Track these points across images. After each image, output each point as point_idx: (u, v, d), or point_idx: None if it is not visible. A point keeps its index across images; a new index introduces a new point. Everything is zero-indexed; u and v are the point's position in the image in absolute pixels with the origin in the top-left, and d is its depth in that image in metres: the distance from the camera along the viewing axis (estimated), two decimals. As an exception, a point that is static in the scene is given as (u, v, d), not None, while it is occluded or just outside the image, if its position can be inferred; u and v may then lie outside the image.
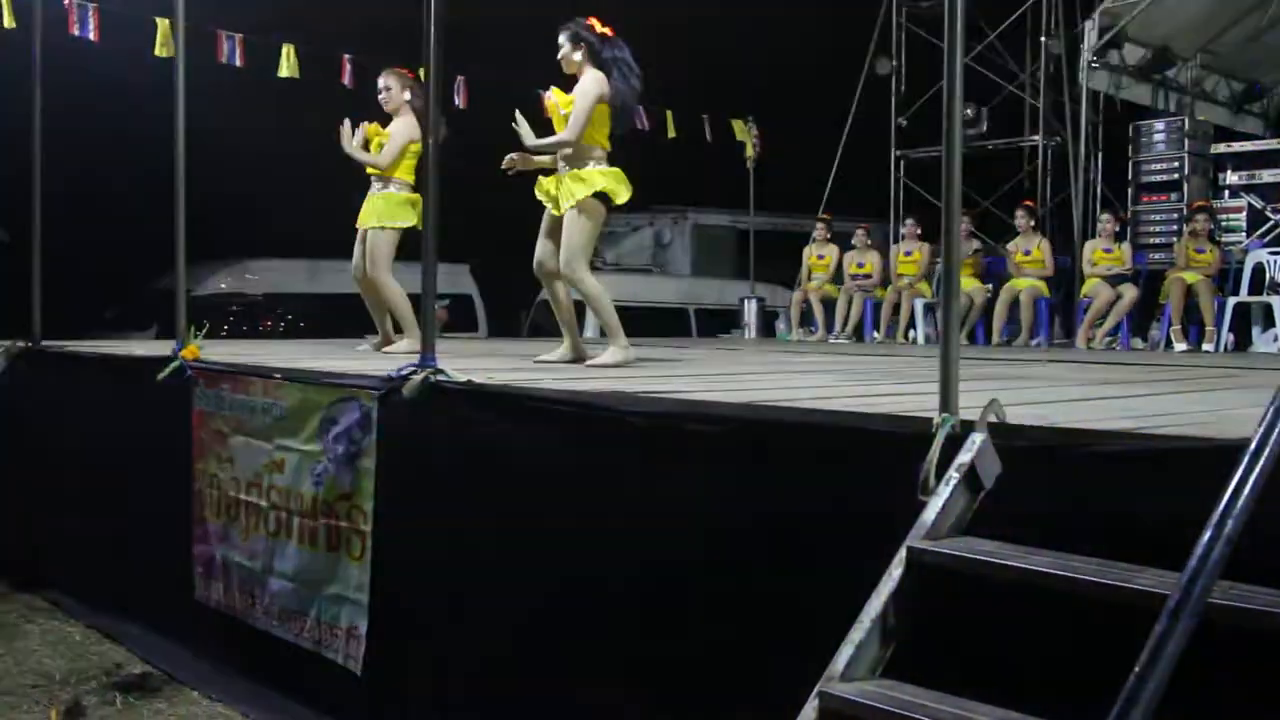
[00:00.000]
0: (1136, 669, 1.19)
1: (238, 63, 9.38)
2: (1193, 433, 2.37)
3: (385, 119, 6.29)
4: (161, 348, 5.40)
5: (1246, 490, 1.28)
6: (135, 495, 5.24)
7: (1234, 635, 1.60)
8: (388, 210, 6.09)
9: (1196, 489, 1.59)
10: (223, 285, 11.88)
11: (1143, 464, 2.21)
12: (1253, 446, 1.33)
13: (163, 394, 4.97)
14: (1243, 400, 3.49)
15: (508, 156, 5.34)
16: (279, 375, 4.45)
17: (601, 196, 5.07)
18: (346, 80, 9.72)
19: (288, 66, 9.55)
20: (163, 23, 8.60)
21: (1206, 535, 1.25)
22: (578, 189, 5.03)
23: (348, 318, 10.57)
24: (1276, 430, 1.32)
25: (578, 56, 5.12)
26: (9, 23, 8.24)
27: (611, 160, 5.21)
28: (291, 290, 12.18)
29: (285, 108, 10.91)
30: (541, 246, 5.25)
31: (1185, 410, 3.19)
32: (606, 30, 5.19)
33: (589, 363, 5.07)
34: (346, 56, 9.78)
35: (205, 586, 4.69)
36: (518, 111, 5.21)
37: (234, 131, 10.99)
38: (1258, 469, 1.30)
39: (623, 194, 5.12)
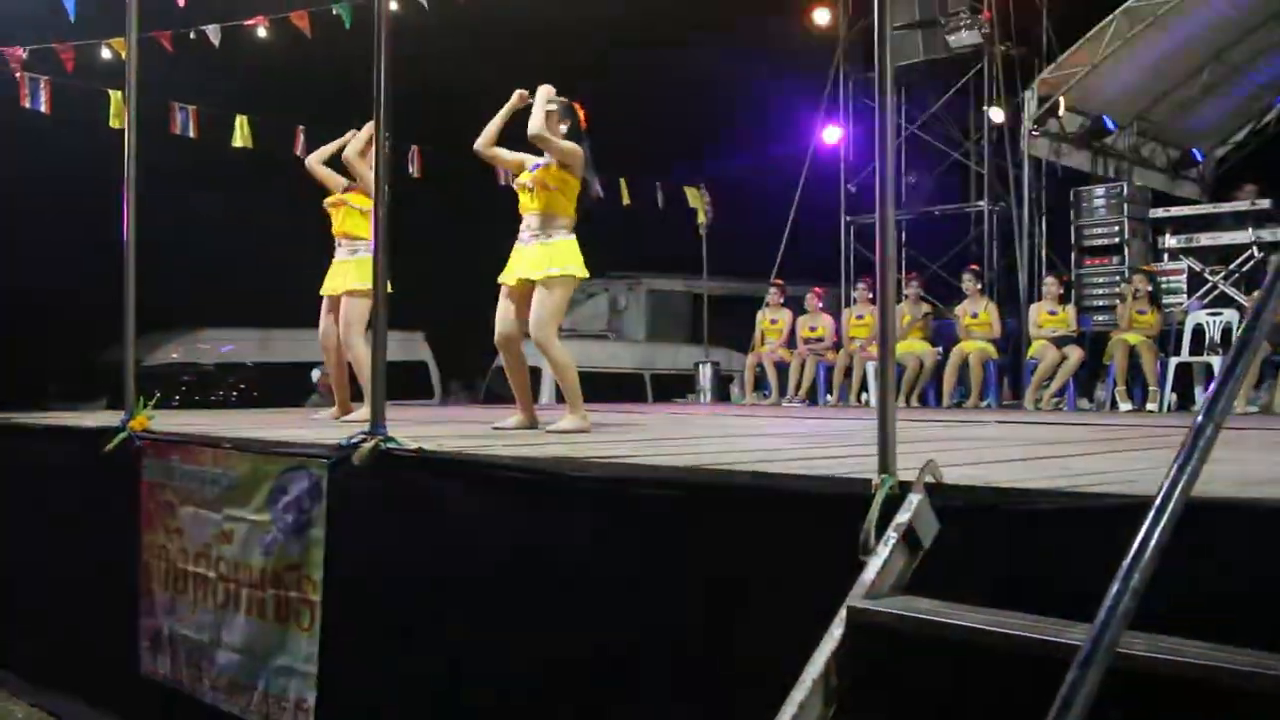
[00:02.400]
0: (1049, 719, 1.23)
1: (191, 134, 9.43)
2: (1120, 490, 2.44)
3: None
4: (110, 419, 5.36)
5: (1151, 545, 1.34)
6: (81, 568, 5.16)
7: (1143, 682, 1.65)
8: (361, 274, 6.08)
9: (1116, 544, 1.65)
10: (174, 355, 11.81)
11: (1072, 521, 2.27)
12: (1157, 502, 1.39)
13: (111, 465, 4.93)
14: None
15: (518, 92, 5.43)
16: (229, 445, 4.43)
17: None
18: (299, 150, 9.78)
19: (241, 137, 9.62)
20: (115, 94, 8.65)
21: (1114, 588, 1.30)
22: (558, 259, 5.13)
23: (300, 387, 10.56)
24: (1179, 487, 1.38)
25: (563, 128, 5.25)
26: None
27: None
28: (244, 360, 12.13)
29: (238, 178, 10.95)
30: (504, 315, 5.30)
31: (1120, 469, 3.26)
32: (584, 122, 5.36)
33: (547, 429, 5.11)
34: (300, 127, 9.86)
35: (152, 660, 4.62)
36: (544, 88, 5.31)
37: (187, 202, 11.02)
38: (1161, 524, 1.36)
39: (584, 271, 5.29)
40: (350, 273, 6.14)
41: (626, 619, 3.01)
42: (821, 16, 12.54)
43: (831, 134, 12.71)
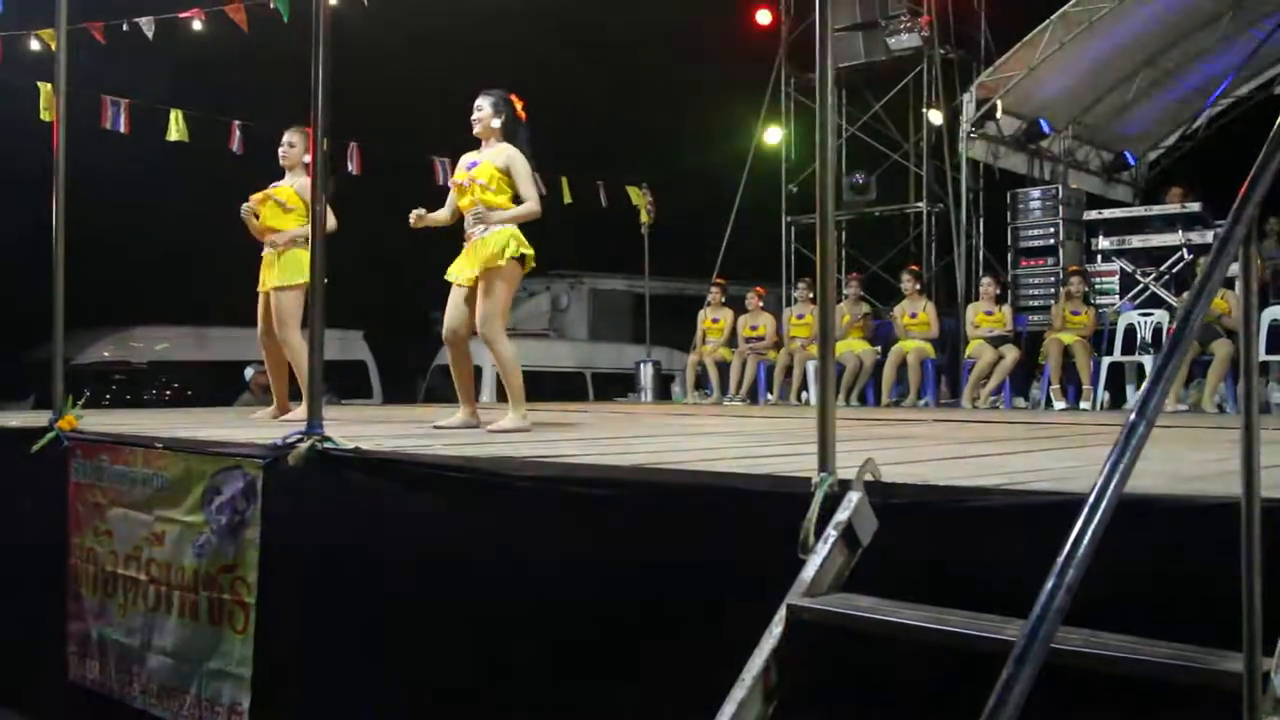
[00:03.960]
0: (985, 714, 1.24)
1: (122, 128, 9.23)
2: (1054, 487, 2.47)
3: (268, 181, 6.26)
4: (38, 418, 5.23)
5: (1085, 542, 1.35)
6: (6, 571, 5.03)
7: (1078, 677, 1.67)
8: (292, 268, 5.99)
9: (1051, 540, 1.67)
10: (105, 353, 11.56)
11: (1008, 518, 2.30)
12: (1090, 499, 1.40)
13: (37, 466, 4.81)
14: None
15: (413, 212, 5.37)
16: (160, 445, 4.34)
17: (519, 258, 5.17)
18: (235, 146, 9.63)
19: (176, 131, 9.44)
20: (45, 87, 8.45)
21: (1048, 585, 1.31)
22: (499, 250, 5.09)
23: (236, 386, 10.40)
24: (1113, 484, 1.39)
25: (496, 124, 5.24)
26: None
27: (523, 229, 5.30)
28: (178, 358, 11.91)
29: (172, 173, 10.76)
30: (453, 312, 5.25)
31: (1054, 466, 3.31)
32: (523, 115, 5.32)
33: (489, 428, 5.07)
34: (235, 122, 9.70)
35: (80, 666, 4.51)
36: (414, 213, 5.27)
37: (119, 197, 10.80)
38: (1095, 521, 1.37)
39: (529, 250, 5.23)
40: (276, 267, 6.04)
41: (568, 619, 2.99)
42: (763, 17, 12.60)
43: (772, 134, 12.78)
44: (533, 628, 3.07)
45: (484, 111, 5.27)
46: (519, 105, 5.33)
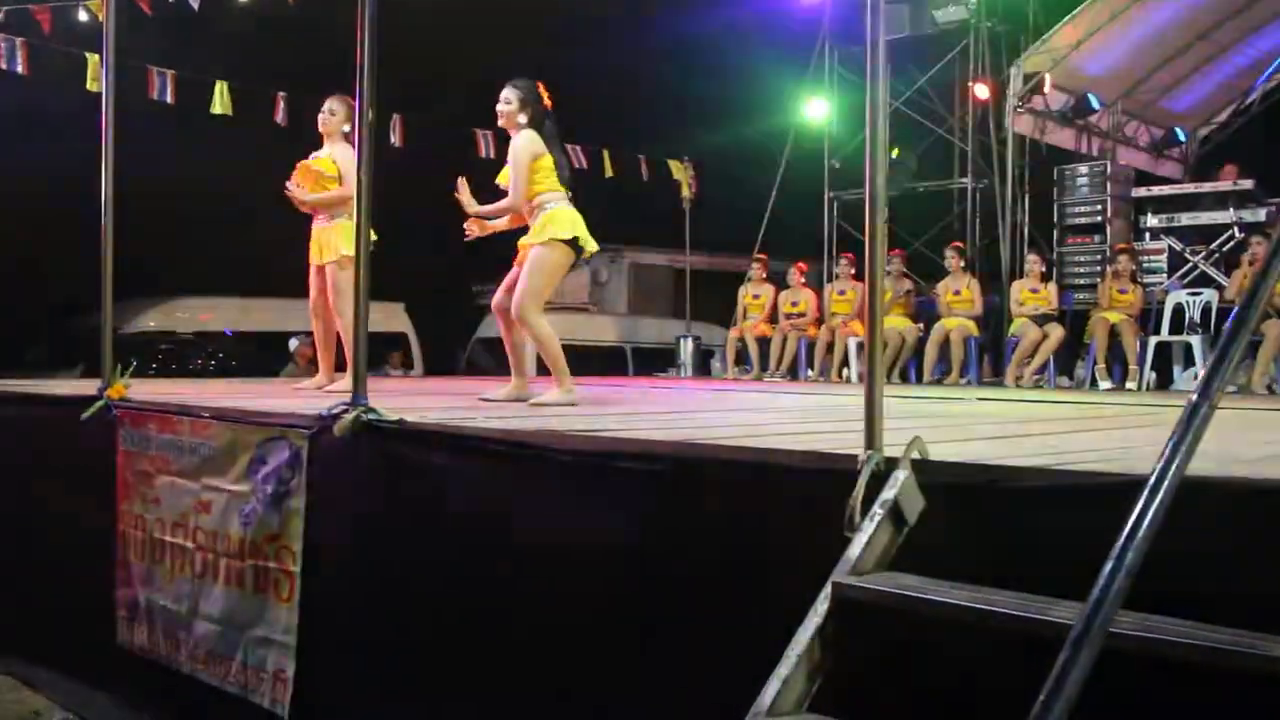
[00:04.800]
0: (1041, 698, 1.22)
1: (169, 99, 9.31)
2: (1104, 468, 2.43)
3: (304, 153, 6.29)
4: (86, 387, 5.30)
5: (1145, 524, 1.33)
6: (56, 538, 5.12)
7: (1137, 663, 1.65)
8: (344, 241, 6.00)
9: (1106, 523, 1.64)
10: (152, 324, 11.70)
11: (1057, 499, 2.27)
12: (1151, 481, 1.38)
13: (87, 434, 4.88)
14: (1157, 437, 3.58)
15: (466, 225, 5.42)
16: (207, 414, 4.39)
17: (571, 243, 5.16)
18: (280, 118, 9.67)
19: (221, 103, 9.50)
20: (92, 58, 8.52)
21: (1108, 567, 1.29)
22: (547, 228, 5.12)
23: (280, 356, 10.49)
24: (1174, 466, 1.37)
25: (522, 118, 5.20)
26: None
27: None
28: (222, 328, 12.03)
29: (218, 144, 10.84)
30: (506, 283, 5.28)
31: (1102, 447, 3.27)
32: (548, 103, 5.29)
33: (531, 401, 5.09)
34: (280, 94, 9.74)
35: (128, 630, 4.59)
36: (461, 180, 5.26)
37: (166, 168, 10.90)
38: (1155, 503, 1.35)
39: (591, 243, 5.22)
40: (330, 240, 6.07)
41: (609, 592, 3.00)
42: (808, -10, 12.46)
43: (816, 108, 12.65)
44: (575, 601, 3.08)
45: (510, 105, 5.23)
46: (545, 94, 5.29)
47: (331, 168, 6.10)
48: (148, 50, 9.21)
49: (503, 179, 5.26)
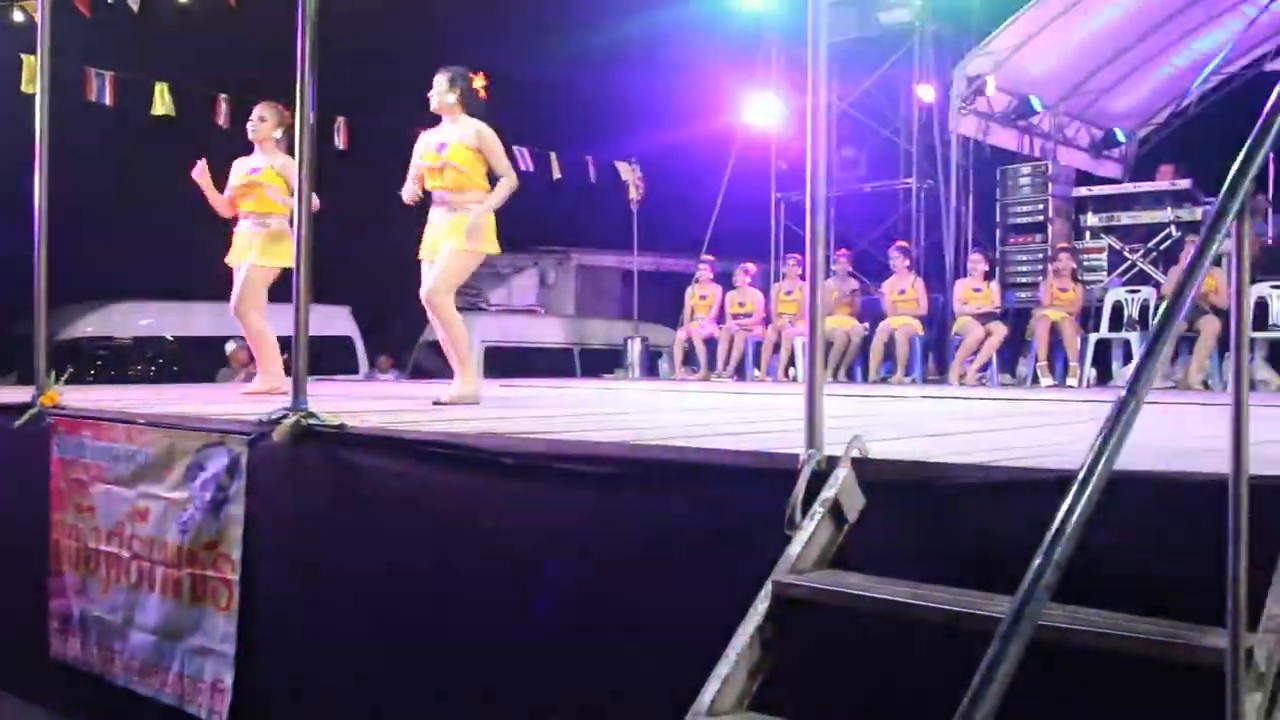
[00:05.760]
0: (970, 691, 1.22)
1: (108, 101, 9.14)
2: (1042, 464, 2.46)
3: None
4: (20, 394, 5.18)
5: (1074, 518, 1.34)
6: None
7: (1065, 654, 1.67)
8: (269, 247, 5.96)
9: (1042, 517, 1.65)
10: (90, 329, 11.49)
11: (994, 494, 2.29)
12: (1080, 476, 1.39)
13: (19, 442, 4.77)
14: (1096, 432, 3.63)
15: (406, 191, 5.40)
16: (143, 421, 4.31)
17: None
18: (221, 120, 9.54)
19: (162, 105, 9.34)
20: (28, 59, 8.35)
21: (1036, 562, 1.30)
22: (482, 236, 5.19)
23: (222, 361, 10.35)
24: (1103, 461, 1.38)
25: (451, 99, 5.23)
26: None
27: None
28: (163, 333, 11.84)
29: (159, 147, 10.66)
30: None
31: (1042, 443, 3.31)
32: (482, 93, 5.29)
33: (436, 400, 5.10)
34: (222, 96, 9.61)
35: (62, 643, 4.49)
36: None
37: (105, 171, 10.71)
38: (1084, 498, 1.36)
39: (496, 247, 5.32)
40: (256, 244, 5.99)
41: (553, 594, 2.98)
42: (753, -9, 12.51)
43: (762, 110, 12.70)
44: (518, 604, 3.06)
45: (439, 87, 5.29)
46: (479, 82, 5.29)
47: (276, 179, 6.01)
48: (86, 51, 9.04)
49: (455, 156, 5.20)
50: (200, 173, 6.11)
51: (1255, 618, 1.76)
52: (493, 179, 5.30)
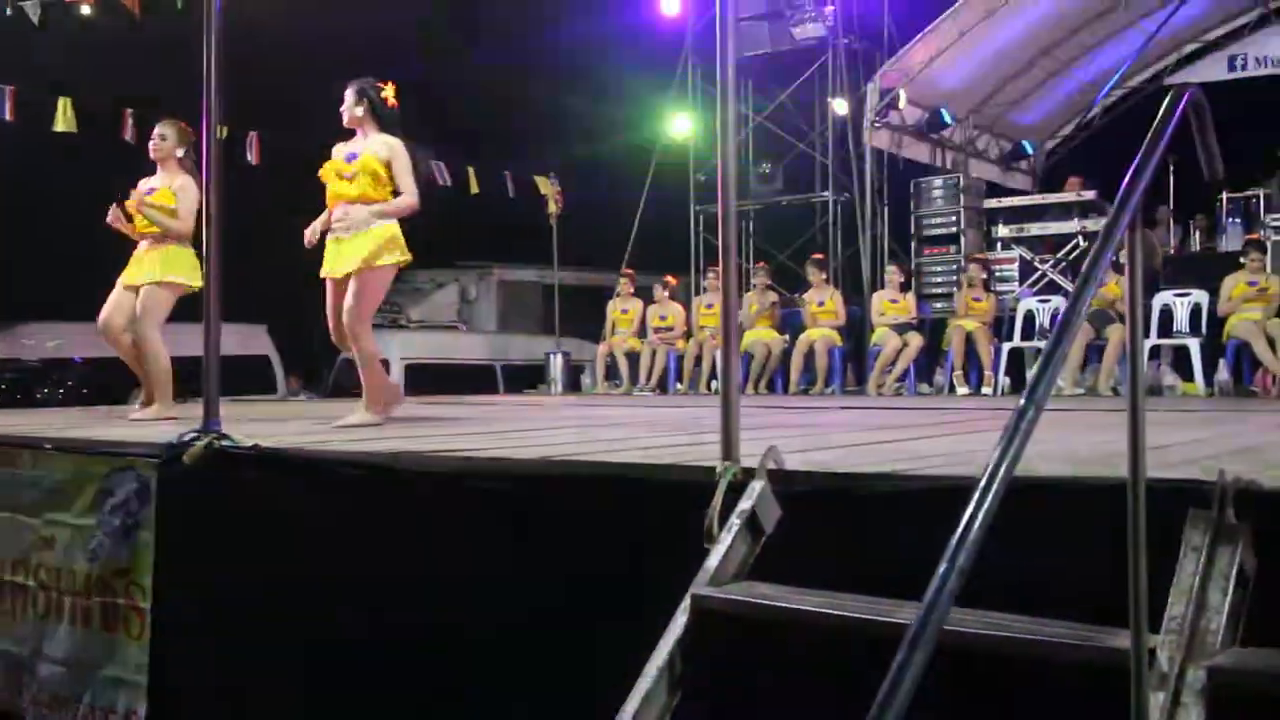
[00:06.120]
0: (879, 698, 1.24)
1: (7, 116, 8.90)
2: (953, 471, 2.50)
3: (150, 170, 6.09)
4: (-82, 420, 5.01)
5: (976, 525, 1.37)
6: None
7: (975, 659, 1.70)
8: (168, 265, 5.81)
9: (952, 524, 1.68)
10: (-7, 351, 11.15)
11: (906, 502, 2.32)
12: (981, 483, 1.42)
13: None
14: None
15: (309, 234, 5.25)
16: (49, 445, 4.19)
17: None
18: (128, 135, 9.33)
19: (64, 120, 9.12)
20: (-77, 74, 8.11)
21: (941, 567, 1.32)
22: (392, 251, 5.09)
23: (127, 383, 10.08)
24: (1003, 467, 1.41)
25: (359, 111, 5.19)
26: None
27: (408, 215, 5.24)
28: (72, 355, 11.52)
29: (62, 163, 10.41)
30: (334, 308, 5.19)
31: (957, 450, 3.36)
32: (394, 101, 5.23)
33: (336, 423, 4.97)
34: (128, 110, 9.40)
35: (-34, 677, 4.34)
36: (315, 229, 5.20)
37: (6, 188, 10.41)
38: (986, 504, 1.39)
39: (407, 255, 5.20)
40: (157, 262, 5.85)
41: (471, 612, 2.95)
42: (670, 6, 12.59)
43: (680, 123, 12.80)
44: (436, 624, 3.03)
45: (347, 101, 5.22)
46: (387, 91, 5.24)
47: (171, 199, 5.88)
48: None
49: (365, 167, 5.12)
50: (114, 217, 5.97)
51: (1157, 619, 1.82)
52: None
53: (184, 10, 8.33)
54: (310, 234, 5.24)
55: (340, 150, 5.30)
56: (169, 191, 5.89)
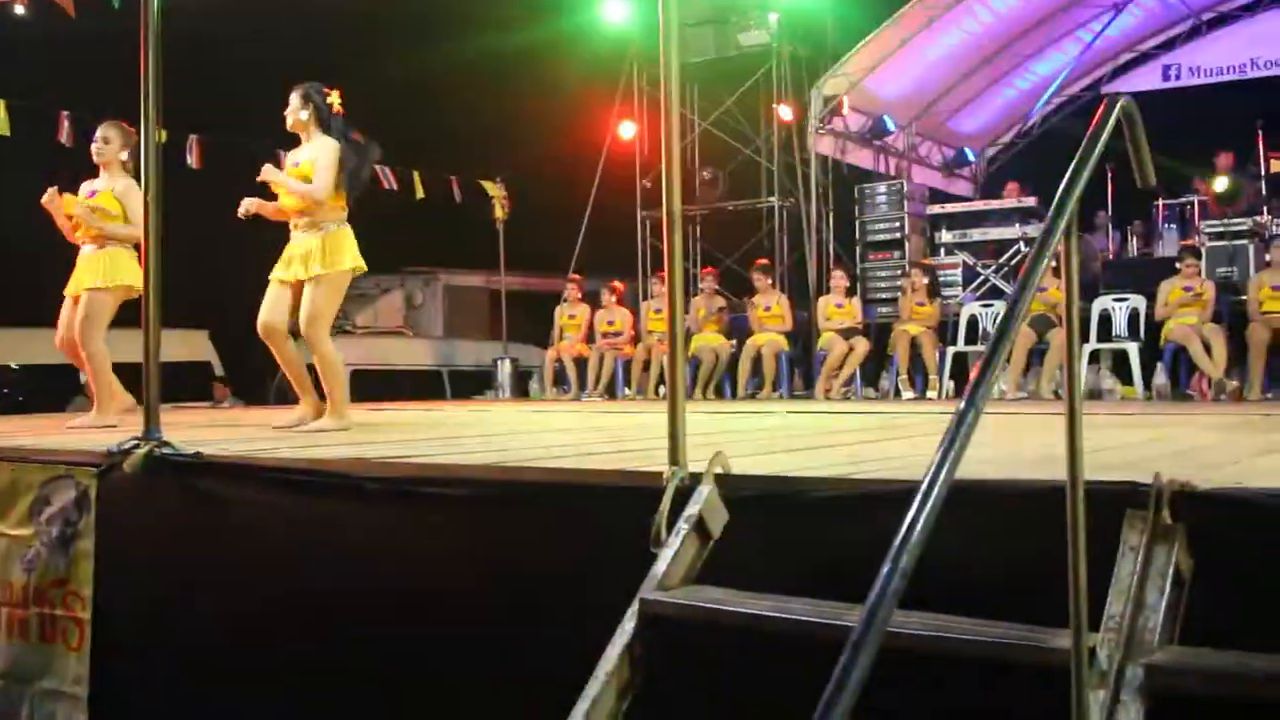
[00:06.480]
0: (823, 700, 1.26)
1: (-61, 119, 8.71)
2: (897, 475, 2.53)
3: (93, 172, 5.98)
4: None
5: (918, 528, 1.39)
6: None
7: (920, 660, 1.73)
8: (112, 269, 5.70)
9: (896, 527, 1.70)
10: (-75, 358, 10.89)
11: (852, 507, 2.35)
12: (923, 486, 1.44)
13: None
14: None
15: (244, 201, 5.22)
16: (-17, 454, 4.10)
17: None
18: (64, 138, 9.17)
19: (-2, 123, 8.94)
20: None
21: (884, 570, 1.34)
22: (329, 255, 5.04)
23: (65, 389, 9.91)
24: (944, 471, 1.43)
25: (304, 115, 5.16)
26: None
27: (352, 221, 5.22)
28: (6, 361, 11.29)
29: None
30: (271, 307, 5.14)
31: (900, 454, 3.40)
32: (338, 106, 5.20)
33: (301, 427, 4.97)
34: (65, 113, 9.24)
35: (-102, 692, 4.23)
36: (267, 166, 5.15)
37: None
38: (927, 507, 1.41)
39: (362, 264, 5.20)
40: (100, 267, 5.74)
41: (422, 620, 2.94)
42: (615, 11, 12.61)
43: (626, 129, 12.82)
44: (386, 632, 3.01)
45: (292, 105, 5.21)
46: (333, 97, 5.22)
47: (114, 204, 5.77)
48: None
49: (304, 173, 5.10)
50: (50, 199, 5.83)
51: (1096, 618, 1.85)
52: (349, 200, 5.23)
53: (121, 9, 8.20)
54: (246, 207, 5.21)
55: (289, 159, 5.29)
56: (111, 195, 5.78)
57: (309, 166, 5.10)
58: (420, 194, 12.00)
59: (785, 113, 12.00)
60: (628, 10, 12.51)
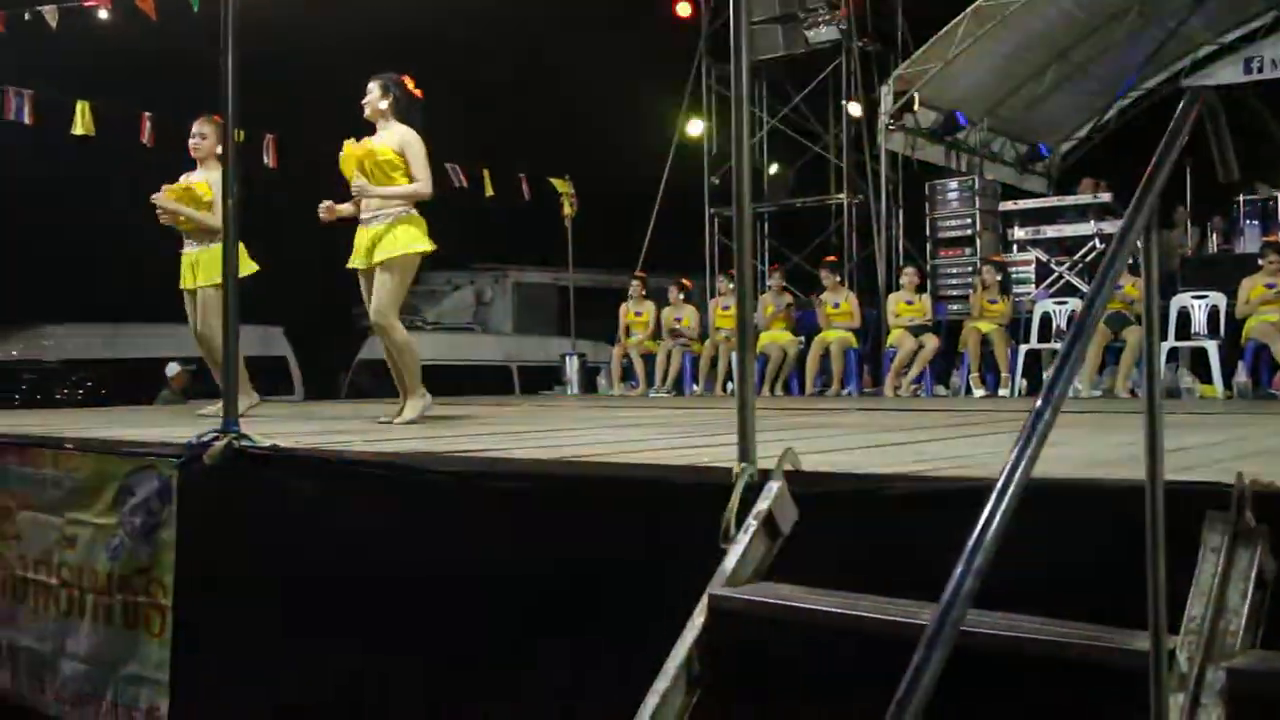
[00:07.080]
0: (896, 698, 1.25)
1: (26, 120, 8.96)
2: (970, 473, 2.51)
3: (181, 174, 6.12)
4: (-60, 420, 5.06)
5: (994, 526, 1.38)
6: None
7: (993, 660, 1.71)
8: (216, 266, 5.85)
9: (968, 526, 1.69)
10: (14, 352, 11.23)
11: (923, 504, 2.33)
12: (998, 485, 1.43)
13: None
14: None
15: (323, 205, 5.33)
16: (70, 445, 4.23)
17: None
18: (145, 138, 9.38)
19: (82, 124, 9.17)
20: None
21: (958, 569, 1.33)
22: (396, 242, 5.11)
23: (154, 383, 10.16)
24: (1020, 470, 1.42)
25: (384, 105, 5.22)
26: None
27: (422, 211, 5.29)
28: (91, 356, 11.59)
29: (82, 166, 10.47)
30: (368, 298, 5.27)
31: (972, 452, 3.37)
32: (417, 92, 5.28)
33: (395, 420, 5.07)
34: (146, 114, 9.46)
35: (-11, 674, 4.38)
36: (358, 184, 5.21)
37: (27, 191, 10.50)
38: (1002, 506, 1.40)
39: (429, 244, 5.26)
40: (201, 265, 5.91)
41: (490, 613, 2.97)
42: (683, 9, 12.62)
43: (695, 126, 12.81)
44: (456, 623, 3.05)
45: (372, 94, 5.28)
46: (411, 85, 5.29)
47: (208, 192, 5.94)
48: (3, 69, 8.87)
49: (379, 156, 5.17)
50: (161, 199, 5.98)
51: (1176, 620, 1.82)
52: None
53: (200, 11, 8.37)
54: (324, 209, 5.31)
55: (361, 146, 5.35)
56: (206, 184, 5.95)
57: (386, 154, 5.14)
58: (490, 191, 12.10)
59: (855, 109, 11.91)
60: (696, 8, 12.49)
